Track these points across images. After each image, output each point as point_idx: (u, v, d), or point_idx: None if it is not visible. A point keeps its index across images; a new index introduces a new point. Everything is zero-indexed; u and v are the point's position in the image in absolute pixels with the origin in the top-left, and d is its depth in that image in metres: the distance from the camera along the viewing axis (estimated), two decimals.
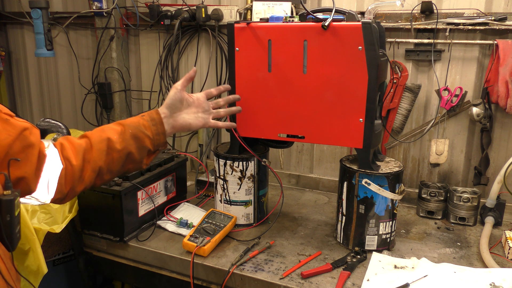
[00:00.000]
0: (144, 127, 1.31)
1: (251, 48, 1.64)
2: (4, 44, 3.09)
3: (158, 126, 1.35)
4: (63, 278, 2.07)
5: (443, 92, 1.99)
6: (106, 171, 1.25)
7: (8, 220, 1.00)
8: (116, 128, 1.28)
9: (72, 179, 1.19)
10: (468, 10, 1.92)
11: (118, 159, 1.26)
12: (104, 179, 1.27)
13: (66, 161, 1.17)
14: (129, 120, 1.33)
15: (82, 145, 1.22)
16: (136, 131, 1.29)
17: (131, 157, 1.29)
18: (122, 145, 1.26)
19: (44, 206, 1.73)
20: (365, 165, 1.59)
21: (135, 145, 1.28)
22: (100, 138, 1.24)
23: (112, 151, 1.25)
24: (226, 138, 2.47)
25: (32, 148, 1.07)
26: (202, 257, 1.61)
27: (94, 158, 1.22)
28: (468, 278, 1.45)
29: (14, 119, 1.05)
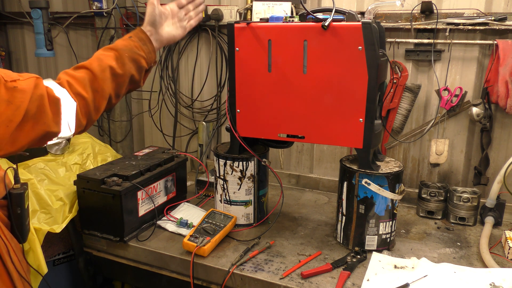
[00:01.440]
0: (137, 48, 1.36)
1: (251, 48, 1.64)
2: (4, 44, 3.09)
3: (148, 45, 1.39)
4: (63, 278, 2.07)
5: (443, 92, 1.99)
6: (114, 96, 1.32)
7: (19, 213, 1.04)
8: (111, 54, 1.32)
9: (87, 111, 1.25)
10: (468, 10, 1.92)
11: (122, 83, 1.33)
12: (112, 104, 1.34)
13: (77, 96, 1.22)
14: (120, 43, 1.36)
15: (85, 77, 1.26)
16: (132, 54, 1.34)
17: (133, 79, 1.36)
18: (123, 70, 1.32)
19: (44, 206, 1.73)
20: (365, 165, 1.59)
21: (134, 67, 1.35)
22: (101, 67, 1.28)
23: (117, 77, 1.31)
24: (226, 138, 2.47)
25: (43, 99, 1.11)
26: (202, 257, 1.61)
27: (102, 87, 1.27)
28: (468, 278, 1.45)
29: (19, 83, 1.08)
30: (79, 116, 1.22)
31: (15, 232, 1.05)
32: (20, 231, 1.06)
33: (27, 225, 1.08)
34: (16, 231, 1.05)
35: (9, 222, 1.05)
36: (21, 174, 1.71)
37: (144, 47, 1.38)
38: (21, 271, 1.05)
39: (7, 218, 1.04)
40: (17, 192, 1.03)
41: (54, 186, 1.82)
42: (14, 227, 1.05)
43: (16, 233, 1.05)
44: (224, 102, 2.48)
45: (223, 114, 2.49)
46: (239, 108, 1.74)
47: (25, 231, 1.08)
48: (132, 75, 1.34)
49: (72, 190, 1.82)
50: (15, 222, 1.04)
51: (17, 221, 1.04)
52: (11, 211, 1.03)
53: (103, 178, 1.72)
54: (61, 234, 1.83)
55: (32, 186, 1.73)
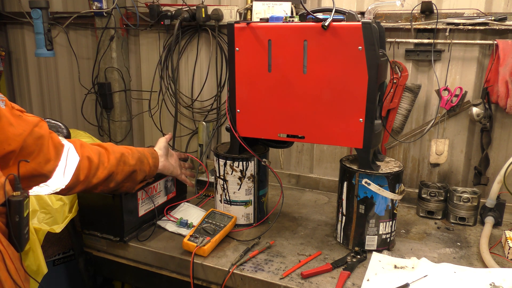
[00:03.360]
0: (147, 157, 1.58)
1: (251, 48, 1.64)
2: (4, 44, 3.09)
3: (155, 160, 1.64)
4: (63, 278, 2.07)
5: (443, 92, 1.99)
6: (114, 178, 1.43)
7: (17, 221, 1.02)
8: (125, 149, 1.51)
9: (89, 173, 1.33)
10: (468, 10, 1.92)
11: (126, 172, 1.47)
12: (108, 186, 1.44)
13: (85, 158, 1.31)
14: (134, 147, 1.58)
15: (98, 149, 1.39)
16: (142, 157, 1.55)
17: (134, 175, 1.51)
18: (133, 162, 1.49)
19: (44, 206, 1.73)
20: (365, 165, 1.59)
21: (139, 166, 1.52)
22: (115, 150, 1.45)
23: (125, 164, 1.46)
24: (226, 138, 2.47)
25: (43, 139, 1.16)
26: (202, 257, 1.61)
27: (111, 163, 1.40)
28: (468, 278, 1.45)
29: (25, 115, 1.13)
30: (79, 171, 1.28)
31: (13, 240, 1.04)
32: (18, 240, 1.04)
33: (25, 234, 1.06)
34: (14, 239, 1.03)
35: (6, 230, 1.04)
36: None
37: (152, 160, 1.60)
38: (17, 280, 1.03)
39: (5, 225, 1.03)
40: (16, 200, 1.01)
41: None
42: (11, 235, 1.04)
43: (14, 241, 1.04)
44: (224, 102, 2.47)
45: (223, 114, 2.49)
46: (239, 108, 1.74)
47: (23, 240, 1.06)
48: (136, 171, 1.50)
49: None
50: (13, 230, 1.03)
51: (15, 229, 1.03)
52: (9, 218, 1.02)
53: None
54: (61, 234, 1.83)
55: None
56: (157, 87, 2.61)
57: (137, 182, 1.56)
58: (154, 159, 1.62)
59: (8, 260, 1.01)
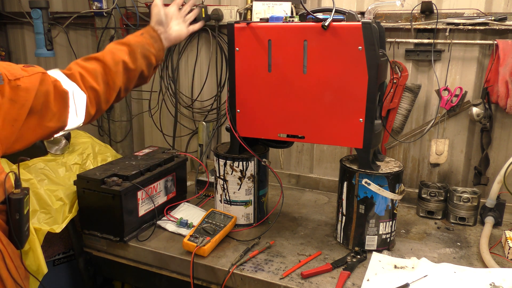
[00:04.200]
0: (149, 45, 1.42)
1: (251, 48, 1.64)
2: (4, 44, 3.09)
3: (158, 43, 1.46)
4: (63, 278, 2.07)
5: (443, 92, 1.99)
6: (124, 90, 1.37)
7: (17, 219, 1.02)
8: (124, 49, 1.36)
9: (98, 102, 1.29)
10: (468, 10, 1.92)
11: (133, 77, 1.39)
12: (120, 97, 1.39)
13: (89, 90, 1.25)
14: (133, 39, 1.41)
15: (98, 69, 1.29)
16: (144, 50, 1.40)
17: (142, 74, 1.42)
18: (135, 65, 1.37)
19: (44, 206, 1.73)
20: (365, 165, 1.59)
21: (145, 63, 1.40)
22: (115, 61, 1.32)
23: (128, 72, 1.36)
24: (226, 138, 2.47)
25: (48, 95, 1.13)
26: (202, 257, 1.61)
27: (114, 80, 1.32)
28: (468, 278, 1.45)
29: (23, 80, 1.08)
30: (89, 107, 1.26)
31: (13, 237, 1.04)
32: (18, 237, 1.04)
33: (25, 231, 1.06)
34: (14, 236, 1.03)
35: (7, 227, 1.03)
36: (21, 174, 1.71)
37: (155, 44, 1.43)
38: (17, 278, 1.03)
39: (5, 223, 1.03)
40: (16, 197, 1.01)
41: (54, 186, 1.81)
42: (12, 232, 1.03)
43: (14, 238, 1.04)
44: (224, 102, 2.47)
45: (223, 114, 2.49)
46: (239, 108, 1.74)
47: (24, 237, 1.06)
48: (143, 70, 1.40)
49: (72, 190, 1.82)
50: (13, 228, 1.03)
51: (15, 226, 1.03)
52: (10, 216, 1.02)
53: (103, 178, 1.72)
54: (61, 234, 1.83)
55: (32, 186, 1.73)
56: (157, 87, 2.61)
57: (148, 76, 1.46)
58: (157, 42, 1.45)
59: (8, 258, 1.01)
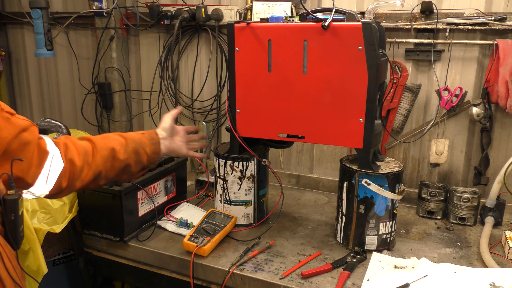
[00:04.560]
0: (145, 144, 1.44)
1: (251, 48, 1.64)
2: (4, 44, 3.09)
3: (156, 146, 1.48)
4: (63, 278, 2.07)
5: (443, 92, 1.99)
6: (103, 177, 1.34)
7: (13, 219, 1.03)
8: (119, 140, 1.38)
9: (72, 178, 1.25)
10: (468, 10, 1.92)
11: (117, 168, 1.37)
12: (98, 184, 1.36)
13: (68, 161, 1.23)
14: (131, 134, 1.44)
15: (85, 148, 1.29)
16: (138, 147, 1.41)
17: (128, 169, 1.40)
18: (124, 157, 1.37)
19: (44, 206, 1.73)
20: (365, 165, 1.59)
21: (134, 158, 1.40)
22: (105, 146, 1.33)
23: (115, 160, 1.35)
24: (226, 138, 2.47)
25: (29, 146, 1.11)
26: (202, 257, 1.61)
27: (97, 163, 1.30)
28: (468, 278, 1.45)
29: (15, 118, 1.09)
30: (62, 178, 1.23)
31: (9, 238, 1.05)
32: (14, 238, 1.05)
33: (21, 232, 1.07)
34: (10, 237, 1.05)
35: (2, 228, 1.04)
36: None
37: (151, 146, 1.45)
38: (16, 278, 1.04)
39: (1, 224, 1.04)
40: (11, 198, 1.02)
41: None
42: (8, 233, 1.04)
43: (10, 239, 1.05)
44: (224, 102, 2.48)
45: (223, 114, 2.49)
46: (239, 108, 1.74)
47: (19, 238, 1.07)
48: (129, 165, 1.39)
49: None
50: (8, 229, 1.04)
51: (11, 227, 1.04)
52: (5, 217, 1.03)
53: None
54: (61, 234, 1.83)
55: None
56: (157, 87, 2.61)
57: (134, 173, 1.45)
58: (154, 145, 1.47)
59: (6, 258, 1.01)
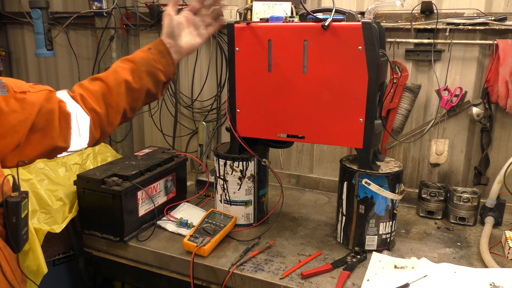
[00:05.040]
0: (155, 61, 1.33)
1: (251, 48, 1.64)
2: (4, 44, 3.09)
3: (167, 58, 1.36)
4: (63, 278, 2.07)
5: (443, 92, 1.99)
6: (129, 110, 1.31)
7: (14, 222, 1.02)
8: (127, 67, 1.29)
9: (101, 125, 1.25)
10: (468, 10, 1.92)
11: (138, 97, 1.31)
12: (128, 117, 1.34)
13: (91, 112, 1.22)
14: (138, 56, 1.32)
15: (99, 91, 1.24)
16: (149, 67, 1.31)
17: (149, 92, 1.34)
18: (140, 84, 1.29)
19: (44, 206, 1.73)
20: (365, 165, 1.59)
21: (151, 81, 1.32)
22: (117, 81, 1.26)
23: (132, 92, 1.29)
24: (226, 138, 2.47)
25: (52, 114, 1.12)
26: (202, 257, 1.61)
27: (117, 102, 1.26)
28: (468, 278, 1.45)
29: (29, 94, 1.07)
30: (92, 130, 1.23)
31: (10, 241, 1.04)
32: (15, 241, 1.04)
33: (23, 235, 1.06)
34: (11, 240, 1.04)
35: (4, 230, 1.04)
36: (21, 174, 1.71)
37: (163, 60, 1.34)
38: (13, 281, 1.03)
39: (2, 226, 1.03)
40: (14, 201, 1.01)
41: (54, 186, 1.82)
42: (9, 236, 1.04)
43: (11, 242, 1.04)
44: (224, 102, 2.48)
45: (223, 114, 2.49)
46: (239, 108, 1.74)
47: (21, 241, 1.06)
48: (149, 89, 1.32)
49: (72, 190, 1.82)
50: (10, 231, 1.03)
51: (12, 230, 1.03)
52: (7, 220, 1.02)
53: (103, 178, 1.72)
54: (61, 234, 1.83)
55: (32, 186, 1.73)
56: None
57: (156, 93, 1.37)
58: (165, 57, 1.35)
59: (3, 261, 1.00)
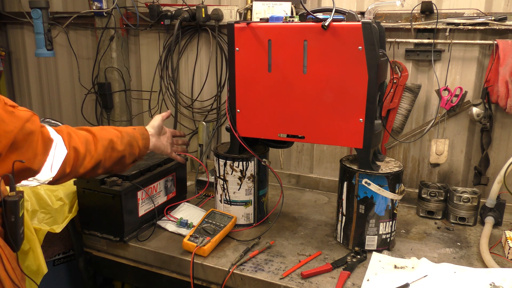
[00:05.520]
0: (137, 138, 1.54)
1: (251, 48, 1.64)
2: (4, 44, 3.09)
3: (146, 141, 1.59)
4: (63, 278, 2.07)
5: (443, 92, 1.99)
6: (101, 166, 1.41)
7: (13, 221, 1.04)
8: (115, 132, 1.47)
9: (76, 164, 1.31)
10: (468, 10, 1.92)
11: (114, 158, 1.45)
12: (96, 173, 1.42)
13: (72, 148, 1.28)
14: (124, 128, 1.53)
15: (86, 137, 1.35)
16: (132, 140, 1.51)
17: (123, 160, 1.48)
18: (121, 148, 1.46)
19: (44, 206, 1.73)
20: (365, 165, 1.59)
21: (129, 150, 1.49)
22: (104, 136, 1.41)
23: (113, 151, 1.43)
24: (226, 138, 2.47)
25: (33, 135, 1.13)
26: (202, 257, 1.61)
27: (98, 152, 1.37)
28: (468, 278, 1.45)
29: (17, 110, 1.10)
30: (65, 165, 1.26)
31: (9, 240, 1.05)
32: (14, 239, 1.06)
33: (21, 234, 1.08)
34: (10, 239, 1.05)
35: (2, 230, 1.05)
36: None
37: (142, 141, 1.56)
38: (15, 279, 1.05)
39: (1, 226, 1.04)
40: (12, 200, 1.03)
41: (54, 186, 1.81)
42: (8, 235, 1.05)
43: (10, 241, 1.05)
44: (224, 102, 2.48)
45: (223, 114, 2.49)
46: (239, 108, 1.74)
47: (19, 239, 1.08)
48: (124, 156, 1.48)
49: (72, 190, 1.82)
50: (9, 230, 1.04)
51: (11, 229, 1.05)
52: (5, 219, 1.03)
53: (103, 178, 1.72)
54: (61, 234, 1.83)
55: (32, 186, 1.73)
56: (157, 87, 2.61)
57: (126, 165, 1.54)
58: (145, 140, 1.57)
59: (5, 260, 1.01)
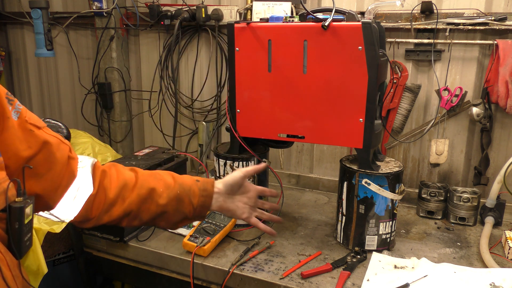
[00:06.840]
0: (193, 194, 1.24)
1: (251, 48, 1.64)
2: (4, 44, 3.09)
3: (206, 199, 1.27)
4: (63, 278, 2.07)
5: (443, 92, 1.99)
6: (135, 217, 1.21)
7: (17, 228, 0.98)
8: (167, 180, 1.23)
9: (101, 209, 1.15)
10: (468, 10, 1.92)
11: (153, 212, 1.21)
12: (131, 223, 1.22)
13: (101, 189, 1.14)
14: (183, 178, 1.27)
15: (126, 180, 1.18)
16: (183, 194, 1.23)
17: (165, 216, 1.23)
18: (163, 202, 1.21)
19: None
20: (365, 165, 1.59)
21: (174, 207, 1.23)
22: (147, 184, 1.20)
23: (152, 203, 1.20)
24: (226, 138, 2.47)
25: (55, 165, 1.03)
26: (202, 257, 1.61)
27: (131, 200, 1.17)
28: (468, 278, 1.45)
29: (39, 131, 1.00)
30: (89, 206, 1.12)
31: (12, 247, 1.00)
32: (17, 247, 0.99)
33: (26, 241, 1.01)
34: (13, 246, 0.99)
35: (6, 236, 1.00)
36: None
37: (201, 198, 1.25)
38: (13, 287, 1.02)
39: (5, 232, 1.01)
40: (17, 206, 0.99)
41: None
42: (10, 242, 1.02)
43: (13, 248, 1.00)
44: (224, 102, 2.48)
45: (223, 114, 2.49)
46: (239, 108, 1.74)
47: (23, 247, 1.01)
48: (166, 212, 1.21)
49: None
50: (12, 237, 0.98)
51: (14, 236, 0.98)
52: (9, 225, 0.99)
53: None
54: (61, 234, 1.83)
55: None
56: (157, 87, 2.61)
57: (173, 223, 1.26)
58: (204, 197, 1.26)
59: (5, 267, 0.98)
